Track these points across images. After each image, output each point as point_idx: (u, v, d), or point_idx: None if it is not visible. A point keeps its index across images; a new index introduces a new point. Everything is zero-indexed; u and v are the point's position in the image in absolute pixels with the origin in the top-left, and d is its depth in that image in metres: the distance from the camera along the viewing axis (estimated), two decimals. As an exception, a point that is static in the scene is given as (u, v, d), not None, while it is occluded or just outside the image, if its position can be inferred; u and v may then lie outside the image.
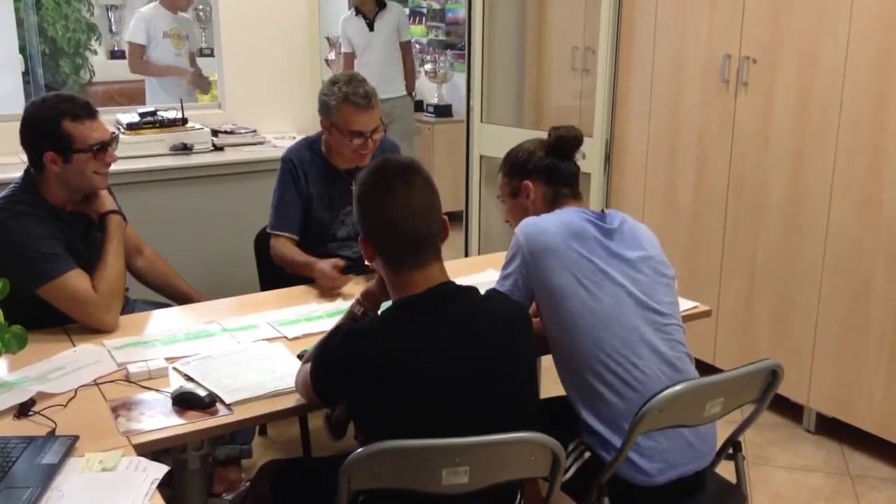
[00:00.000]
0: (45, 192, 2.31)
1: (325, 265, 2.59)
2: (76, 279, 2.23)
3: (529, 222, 2.03)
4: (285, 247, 2.79)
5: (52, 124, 2.25)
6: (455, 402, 1.63)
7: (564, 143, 2.16)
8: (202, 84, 5.24)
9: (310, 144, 2.87)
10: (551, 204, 2.13)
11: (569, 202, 2.13)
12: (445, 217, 1.74)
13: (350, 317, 1.96)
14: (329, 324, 2.15)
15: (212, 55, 5.21)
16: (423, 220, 1.69)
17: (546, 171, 2.15)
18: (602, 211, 2.08)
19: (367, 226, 1.73)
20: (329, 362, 1.69)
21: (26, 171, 2.35)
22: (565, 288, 1.93)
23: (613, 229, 2.02)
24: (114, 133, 2.40)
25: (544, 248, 1.96)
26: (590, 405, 1.94)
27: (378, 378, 1.60)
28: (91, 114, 2.31)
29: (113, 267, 2.32)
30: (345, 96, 2.66)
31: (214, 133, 3.97)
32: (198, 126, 3.91)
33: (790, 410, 3.36)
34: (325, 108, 2.72)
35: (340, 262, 2.61)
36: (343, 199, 2.80)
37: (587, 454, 1.97)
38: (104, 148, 2.32)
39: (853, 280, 3.05)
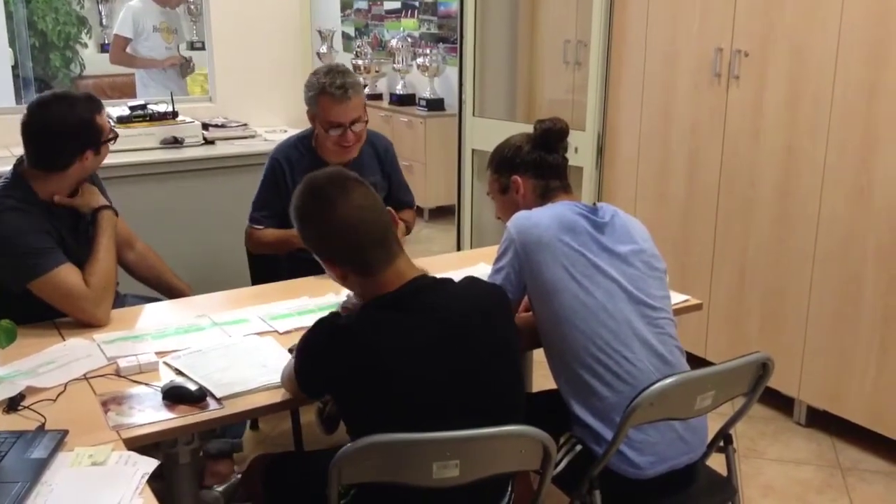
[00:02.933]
0: (35, 186, 2.30)
1: None
2: (67, 273, 2.22)
3: (522, 216, 2.03)
4: (263, 232, 2.83)
5: (91, 123, 2.33)
6: (442, 392, 1.63)
7: (550, 136, 2.17)
8: (184, 68, 5.22)
9: (298, 142, 2.86)
10: (541, 198, 2.14)
11: (559, 195, 2.14)
12: (391, 208, 1.78)
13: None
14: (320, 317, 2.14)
15: (203, 48, 5.19)
16: (375, 215, 1.71)
17: (534, 165, 2.15)
18: (594, 204, 2.08)
19: (323, 243, 1.73)
20: (313, 361, 1.69)
21: (15, 166, 2.34)
22: (557, 282, 1.93)
23: (605, 223, 2.03)
24: None
25: (536, 242, 1.96)
26: (581, 399, 1.95)
27: (363, 374, 1.60)
28: (102, 104, 2.42)
29: (104, 261, 2.31)
30: (322, 88, 2.66)
31: (205, 126, 3.96)
32: (188, 119, 3.90)
33: (781, 403, 3.37)
34: (307, 100, 2.74)
35: None
36: None
37: (578, 447, 1.98)
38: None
39: (844, 272, 3.06)
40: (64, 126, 2.30)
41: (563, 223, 1.99)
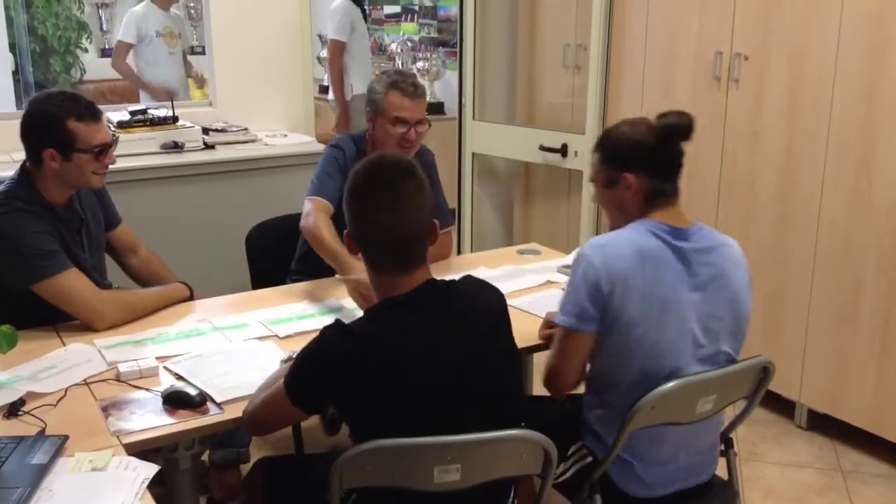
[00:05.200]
0: (41, 188, 2.30)
1: (363, 276, 2.04)
2: (75, 276, 2.23)
3: (600, 244, 1.88)
4: (324, 223, 2.54)
5: (56, 122, 2.25)
6: (446, 394, 1.63)
7: (674, 132, 1.96)
8: (199, 80, 5.26)
9: (355, 140, 2.81)
10: (647, 201, 1.94)
11: (663, 204, 1.95)
12: (436, 221, 1.70)
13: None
14: (321, 322, 2.14)
15: (203, 53, 5.20)
16: (409, 225, 1.65)
17: (653, 164, 1.94)
18: (684, 223, 1.95)
19: (351, 222, 1.71)
20: (321, 364, 1.64)
21: (22, 168, 2.34)
22: (636, 317, 1.82)
23: (694, 250, 1.90)
24: (114, 136, 2.40)
25: (622, 277, 1.82)
26: (610, 422, 1.90)
27: (371, 374, 1.59)
28: (95, 115, 2.31)
29: (143, 297, 2.40)
30: (393, 83, 2.66)
31: (205, 131, 3.95)
32: (189, 124, 3.89)
33: (782, 406, 3.36)
34: (371, 99, 2.69)
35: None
36: None
37: (589, 459, 1.97)
38: (105, 150, 2.32)
39: (844, 275, 3.06)
40: (28, 118, 2.29)
41: (647, 253, 1.85)
